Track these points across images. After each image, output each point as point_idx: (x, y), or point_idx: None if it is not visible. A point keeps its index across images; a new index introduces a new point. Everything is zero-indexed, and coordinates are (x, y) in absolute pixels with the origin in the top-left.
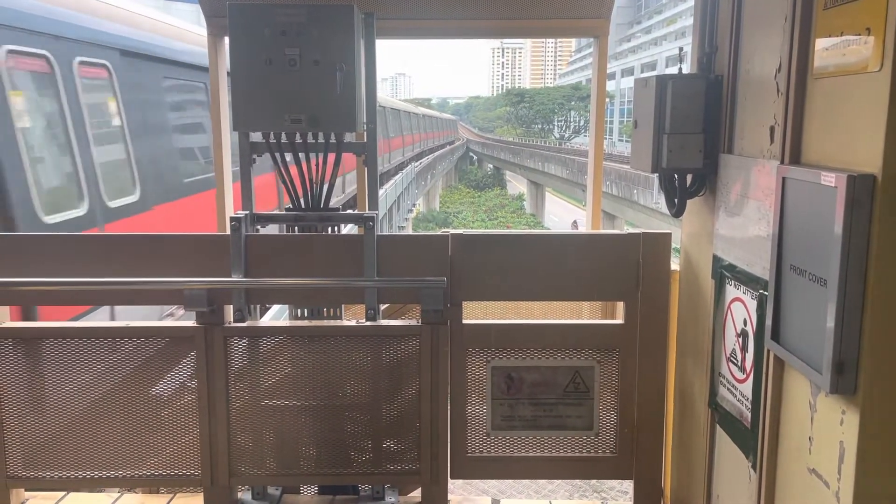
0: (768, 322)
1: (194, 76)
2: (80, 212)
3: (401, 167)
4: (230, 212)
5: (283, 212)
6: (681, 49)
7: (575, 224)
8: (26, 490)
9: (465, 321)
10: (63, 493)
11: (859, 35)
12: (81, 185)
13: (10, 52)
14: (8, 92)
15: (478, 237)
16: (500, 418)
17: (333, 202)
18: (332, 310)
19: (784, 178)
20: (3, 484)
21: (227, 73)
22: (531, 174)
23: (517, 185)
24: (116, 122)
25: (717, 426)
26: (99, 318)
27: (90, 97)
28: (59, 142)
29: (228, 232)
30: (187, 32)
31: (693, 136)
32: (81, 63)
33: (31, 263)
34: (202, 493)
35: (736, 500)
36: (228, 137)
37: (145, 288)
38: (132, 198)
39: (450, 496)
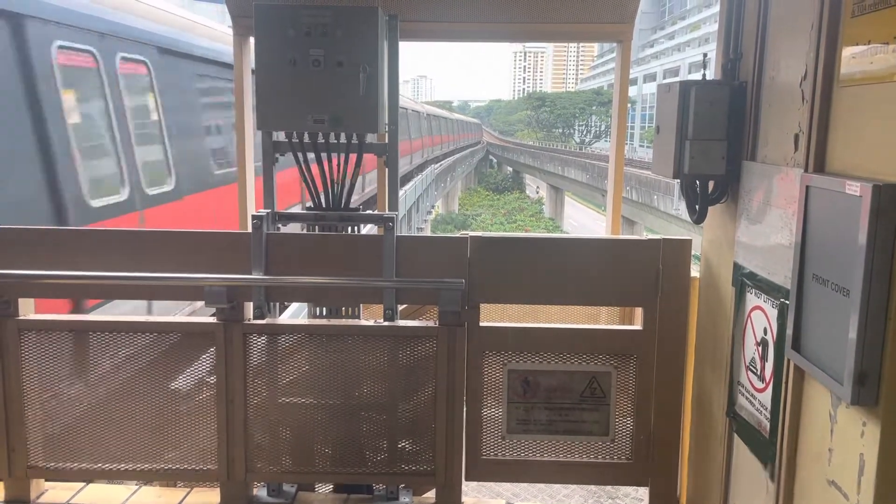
0: (789, 331)
1: None
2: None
3: (429, 163)
4: (252, 209)
5: (305, 211)
6: (705, 55)
7: None
8: (46, 480)
9: (482, 324)
10: (82, 485)
11: (887, 44)
12: None
13: None
14: None
15: (497, 240)
16: (515, 422)
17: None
18: (350, 309)
19: (808, 187)
20: (24, 474)
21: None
22: (551, 178)
23: (537, 188)
24: None
25: (735, 435)
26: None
27: None
28: None
29: (250, 230)
30: None
31: (716, 143)
32: None
33: (51, 257)
34: (219, 488)
35: None
36: (252, 136)
37: (166, 283)
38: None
39: (464, 498)
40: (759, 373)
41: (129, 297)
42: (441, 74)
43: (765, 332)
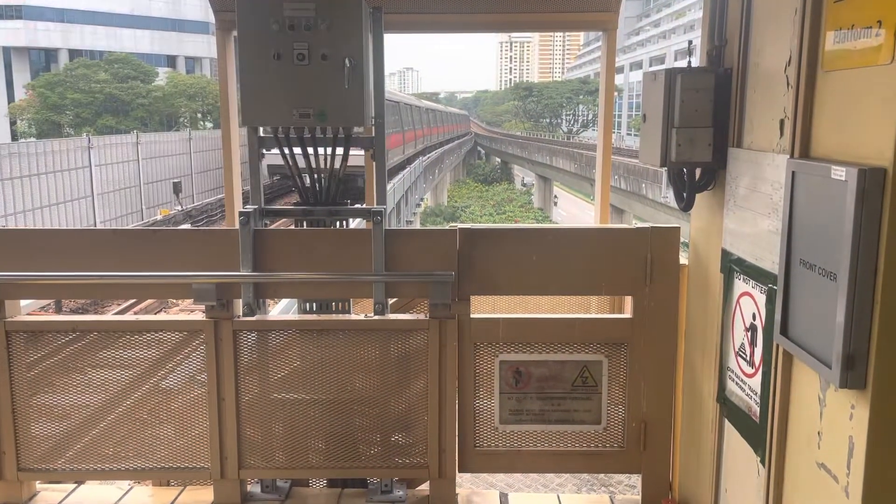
0: (777, 316)
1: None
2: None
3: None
4: (239, 206)
5: (292, 206)
6: (690, 42)
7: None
8: (38, 482)
9: (472, 315)
10: (74, 485)
11: (870, 27)
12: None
13: None
14: None
15: (486, 231)
16: (507, 412)
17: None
18: (340, 304)
19: (794, 172)
20: (15, 476)
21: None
22: (539, 168)
23: (526, 178)
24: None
25: (726, 420)
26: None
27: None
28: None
29: (237, 226)
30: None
31: (702, 130)
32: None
33: (39, 257)
34: (212, 486)
35: (744, 495)
36: (237, 133)
37: (154, 282)
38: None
39: (458, 490)
40: (748, 358)
41: (115, 297)
42: (427, 66)
43: (753, 317)
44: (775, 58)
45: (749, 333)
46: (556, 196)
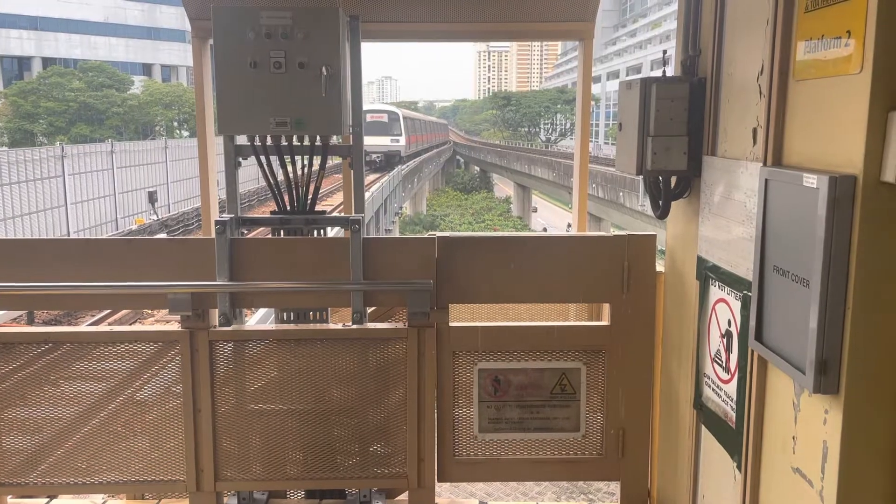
0: (752, 323)
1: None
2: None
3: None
4: (215, 215)
5: (269, 215)
6: (664, 52)
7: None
8: (10, 497)
9: (451, 324)
10: (46, 500)
11: (840, 38)
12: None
13: None
14: None
15: (464, 239)
16: (486, 421)
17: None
18: (318, 313)
19: (767, 180)
20: None
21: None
22: (518, 177)
23: (504, 187)
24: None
25: (703, 426)
26: None
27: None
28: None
29: (213, 235)
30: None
31: (677, 139)
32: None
33: (11, 268)
34: (188, 499)
35: (721, 501)
36: (213, 142)
37: (128, 292)
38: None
39: (437, 499)
40: (724, 364)
41: (89, 308)
42: (406, 75)
43: (729, 323)
44: (748, 67)
45: (725, 340)
46: (569, 225)
